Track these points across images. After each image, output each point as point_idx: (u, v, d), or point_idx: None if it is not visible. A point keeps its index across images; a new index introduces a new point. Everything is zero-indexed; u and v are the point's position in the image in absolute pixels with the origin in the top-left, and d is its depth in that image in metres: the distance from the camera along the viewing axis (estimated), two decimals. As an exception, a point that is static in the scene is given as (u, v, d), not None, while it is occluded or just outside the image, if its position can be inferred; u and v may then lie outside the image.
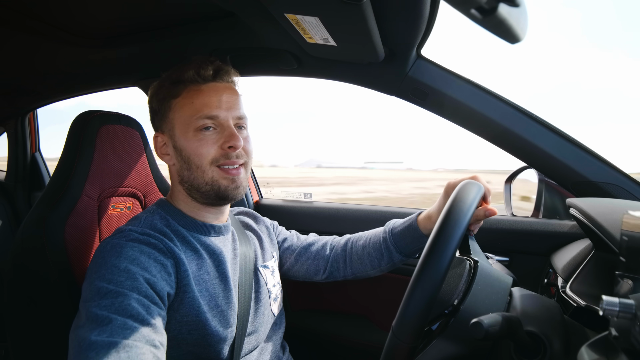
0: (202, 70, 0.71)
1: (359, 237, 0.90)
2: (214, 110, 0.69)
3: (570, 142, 0.91)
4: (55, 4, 0.85)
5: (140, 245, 0.61)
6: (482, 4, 0.33)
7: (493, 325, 0.45)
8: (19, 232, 0.75)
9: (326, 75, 1.06)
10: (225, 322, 0.68)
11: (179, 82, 0.72)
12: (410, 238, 0.82)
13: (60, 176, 0.79)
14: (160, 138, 0.74)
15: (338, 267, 0.90)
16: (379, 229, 0.88)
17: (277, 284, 0.86)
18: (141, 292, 0.56)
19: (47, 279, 0.71)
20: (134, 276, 0.57)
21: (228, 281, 0.72)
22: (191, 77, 0.71)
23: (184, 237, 0.71)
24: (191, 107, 0.70)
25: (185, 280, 0.64)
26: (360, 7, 0.61)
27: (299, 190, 1.43)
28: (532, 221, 1.04)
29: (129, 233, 0.64)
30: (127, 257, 0.59)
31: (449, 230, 0.50)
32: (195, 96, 0.70)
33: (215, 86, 0.72)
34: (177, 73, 0.72)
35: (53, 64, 1.20)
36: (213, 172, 0.70)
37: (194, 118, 0.69)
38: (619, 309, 0.39)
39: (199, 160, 0.70)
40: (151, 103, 0.76)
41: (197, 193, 0.72)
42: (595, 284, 0.69)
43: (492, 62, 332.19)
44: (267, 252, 0.88)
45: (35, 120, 1.88)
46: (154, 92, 0.75)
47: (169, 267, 0.63)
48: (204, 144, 0.69)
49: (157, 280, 0.59)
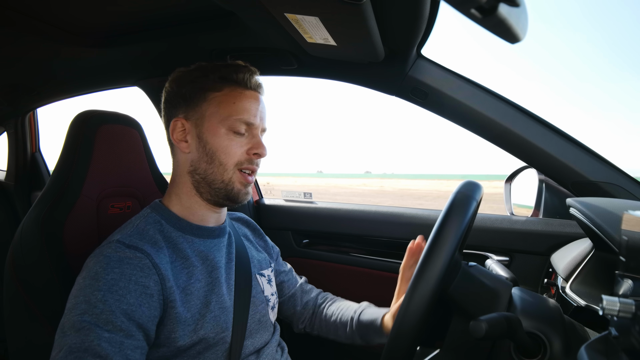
0: (252, 77, 0.74)
1: (331, 312, 0.92)
2: (252, 119, 0.72)
3: (570, 142, 0.91)
4: (55, 3, 0.85)
5: (121, 267, 0.60)
6: (482, 4, 0.33)
7: (493, 325, 0.45)
8: (18, 232, 0.75)
9: (326, 75, 1.06)
10: (218, 328, 0.68)
11: (226, 80, 0.73)
12: (374, 334, 0.83)
13: (59, 176, 0.79)
14: (180, 123, 0.73)
15: (312, 328, 0.95)
16: (351, 308, 0.90)
17: (274, 294, 0.86)
18: (115, 327, 0.56)
19: (46, 278, 0.71)
20: (110, 308, 0.57)
21: (221, 286, 0.72)
22: (241, 79, 0.73)
23: (175, 244, 0.70)
24: (232, 107, 0.71)
25: (171, 297, 0.64)
26: (360, 7, 0.61)
27: (299, 190, 1.43)
28: (532, 221, 1.04)
29: (116, 247, 0.63)
30: (106, 282, 0.58)
31: (449, 228, 0.50)
32: (239, 99, 0.72)
33: (256, 95, 0.75)
34: (227, 70, 0.73)
35: (53, 63, 1.20)
36: (234, 173, 0.72)
37: (232, 118, 0.71)
38: (619, 309, 0.39)
39: (225, 158, 0.71)
40: (179, 86, 0.74)
41: (206, 187, 0.73)
42: (595, 284, 0.69)
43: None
44: (264, 261, 0.88)
45: (35, 120, 1.88)
46: (190, 79, 0.74)
47: (151, 287, 0.62)
48: (234, 145, 0.71)
49: (135, 309, 0.59)
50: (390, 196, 21.96)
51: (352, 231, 1.27)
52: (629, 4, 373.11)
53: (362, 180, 51.94)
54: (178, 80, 0.75)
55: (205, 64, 0.76)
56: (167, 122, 0.76)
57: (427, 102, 0.98)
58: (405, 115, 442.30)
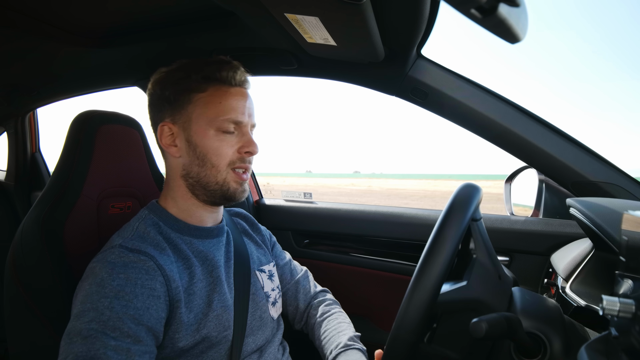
0: (237, 74, 0.72)
1: (319, 333, 0.85)
2: (240, 116, 0.71)
3: (570, 142, 0.91)
4: (55, 3, 0.85)
5: (127, 271, 0.60)
6: (482, 4, 0.33)
7: (493, 325, 0.45)
8: (18, 232, 0.75)
9: (326, 75, 1.06)
10: (220, 326, 0.68)
11: (210, 79, 0.71)
12: None
13: (59, 176, 0.79)
14: (168, 128, 0.72)
15: (307, 328, 0.91)
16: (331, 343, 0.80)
17: (276, 289, 0.86)
18: (123, 333, 0.55)
19: (46, 279, 0.71)
20: (117, 314, 0.56)
21: (222, 285, 0.72)
22: (225, 77, 0.71)
23: (176, 244, 0.70)
24: (218, 106, 0.70)
25: (177, 297, 0.64)
26: (360, 7, 0.61)
27: (299, 190, 1.43)
28: (532, 221, 1.04)
29: (119, 252, 0.62)
30: (112, 288, 0.58)
31: (449, 230, 0.50)
32: (224, 97, 0.70)
33: (241, 91, 0.73)
34: (209, 69, 0.71)
35: (53, 63, 1.20)
36: (227, 173, 0.71)
37: (219, 119, 0.69)
38: (619, 309, 0.39)
39: (217, 159, 0.70)
40: (162, 90, 0.72)
41: (201, 190, 0.72)
42: (595, 284, 0.69)
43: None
44: (263, 257, 0.87)
45: (35, 120, 1.88)
46: (172, 81, 0.72)
47: (157, 289, 0.61)
48: (225, 145, 0.70)
49: (143, 313, 0.58)
50: (377, 195, 21.91)
51: (352, 231, 1.27)
52: (628, 3, 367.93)
53: (351, 180, 51.82)
54: (161, 82, 0.73)
55: (187, 62, 0.74)
56: (154, 127, 0.75)
57: (427, 102, 0.98)
58: (395, 115, 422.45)
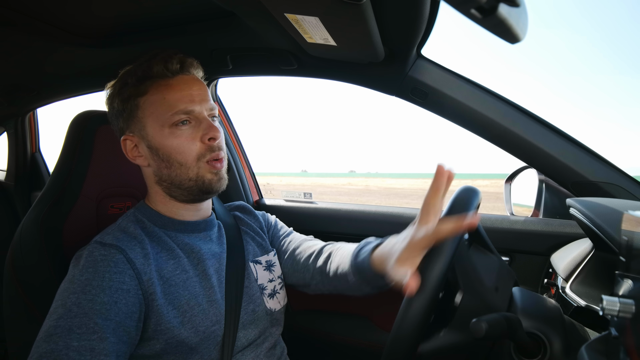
0: (169, 63, 0.69)
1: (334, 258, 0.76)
2: (189, 105, 0.67)
3: (570, 142, 0.91)
4: (55, 3, 0.85)
5: (95, 266, 0.60)
6: (482, 4, 0.33)
7: (493, 325, 0.45)
8: (18, 232, 0.75)
9: (326, 75, 1.06)
10: (208, 321, 0.67)
11: (145, 79, 0.68)
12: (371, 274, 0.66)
13: (58, 176, 0.79)
14: (129, 140, 0.71)
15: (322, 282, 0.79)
16: (351, 249, 0.73)
17: (274, 279, 0.83)
18: (89, 329, 0.55)
19: (45, 279, 0.71)
20: (83, 310, 0.56)
21: (210, 278, 0.71)
22: (159, 71, 0.68)
23: (159, 237, 0.70)
24: (163, 103, 0.67)
25: (150, 289, 0.63)
26: (360, 7, 0.61)
27: (297, 190, 1.43)
28: (532, 221, 1.04)
29: (92, 247, 0.63)
30: (80, 283, 0.58)
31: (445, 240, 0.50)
32: (166, 91, 0.68)
33: (183, 79, 0.70)
34: (141, 69, 0.69)
35: (53, 63, 1.20)
36: (199, 167, 0.69)
37: (168, 114, 0.67)
38: (619, 309, 0.39)
39: (182, 157, 0.68)
40: (112, 104, 0.71)
41: (178, 191, 0.71)
42: (595, 284, 0.69)
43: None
44: (261, 247, 0.85)
45: (35, 120, 1.88)
46: (114, 92, 0.71)
47: (126, 282, 0.61)
48: (184, 141, 0.67)
49: (110, 308, 0.58)
50: (376, 195, 21.72)
51: (352, 231, 1.27)
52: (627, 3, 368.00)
53: (347, 180, 51.60)
54: (110, 97, 0.72)
55: (126, 69, 0.72)
56: (120, 142, 0.73)
57: (427, 102, 0.98)
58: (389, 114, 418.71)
